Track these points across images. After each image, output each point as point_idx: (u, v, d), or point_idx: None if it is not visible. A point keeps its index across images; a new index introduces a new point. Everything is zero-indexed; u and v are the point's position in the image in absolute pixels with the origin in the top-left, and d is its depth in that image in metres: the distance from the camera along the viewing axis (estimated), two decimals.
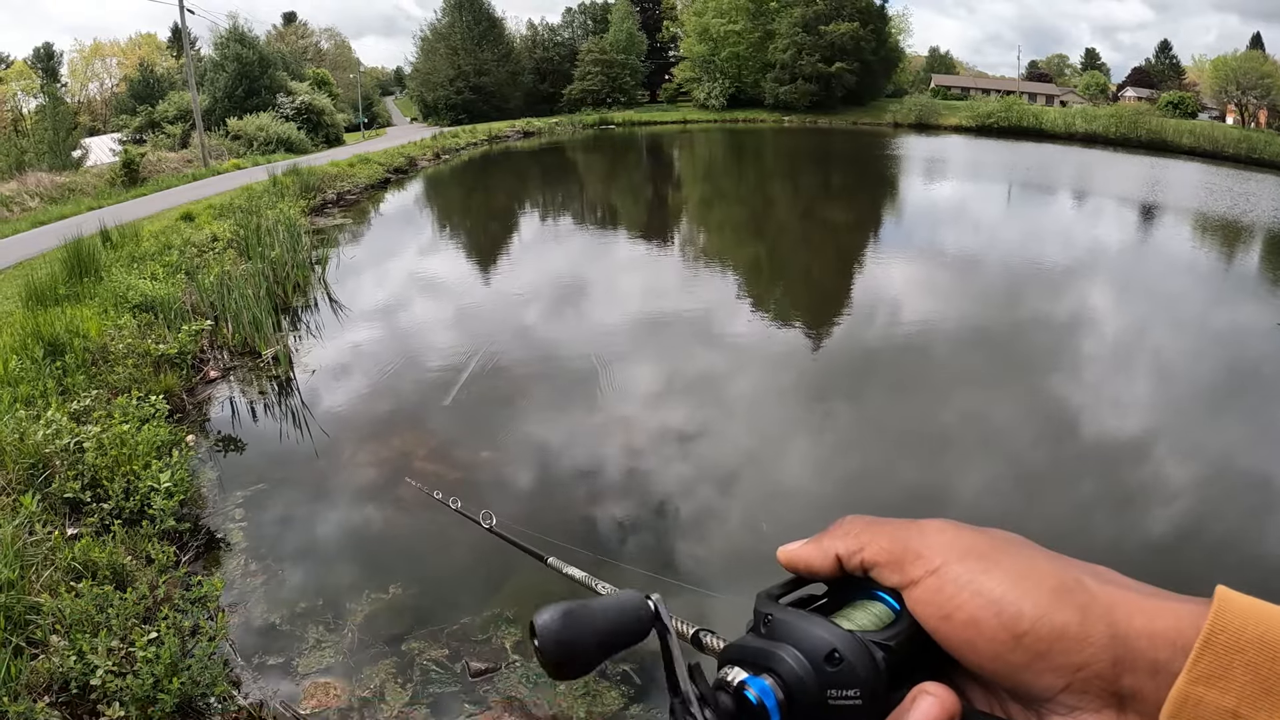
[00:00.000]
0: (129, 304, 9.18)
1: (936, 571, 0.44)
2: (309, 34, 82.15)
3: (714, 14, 67.65)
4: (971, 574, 0.43)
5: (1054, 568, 0.43)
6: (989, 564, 0.44)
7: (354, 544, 5.71)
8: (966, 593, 0.43)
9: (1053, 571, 0.43)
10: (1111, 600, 0.41)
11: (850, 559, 0.49)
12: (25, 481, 5.11)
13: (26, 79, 63.75)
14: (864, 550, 0.48)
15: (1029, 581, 0.42)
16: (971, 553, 0.44)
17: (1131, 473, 6.79)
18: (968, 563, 0.44)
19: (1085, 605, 0.41)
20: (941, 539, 0.46)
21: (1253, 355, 10.16)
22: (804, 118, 64.40)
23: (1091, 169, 35.44)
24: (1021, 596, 0.42)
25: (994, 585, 0.42)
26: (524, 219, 23.17)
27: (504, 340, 10.20)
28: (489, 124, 58.20)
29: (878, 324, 11.15)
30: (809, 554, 0.50)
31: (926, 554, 0.45)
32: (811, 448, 7.36)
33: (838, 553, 0.49)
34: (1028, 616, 0.41)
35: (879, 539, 0.48)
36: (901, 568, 0.46)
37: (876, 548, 0.47)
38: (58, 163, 30.98)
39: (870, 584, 0.48)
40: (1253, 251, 18.39)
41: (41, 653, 3.66)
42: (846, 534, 0.50)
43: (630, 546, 5.66)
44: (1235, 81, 60.45)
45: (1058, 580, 0.42)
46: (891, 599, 0.47)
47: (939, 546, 0.45)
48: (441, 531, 5.69)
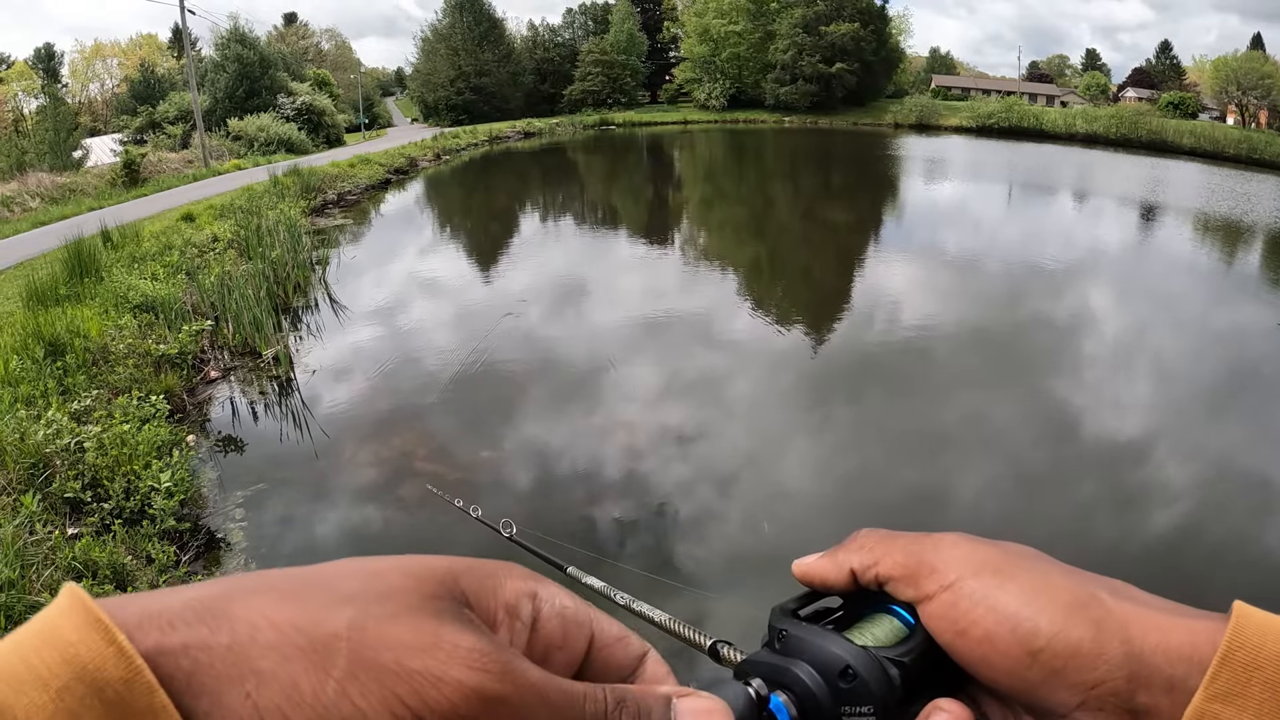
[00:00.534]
0: (130, 304, 9.18)
1: (951, 586, 0.44)
2: (309, 34, 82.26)
3: (714, 15, 67.69)
4: (986, 589, 0.43)
5: (1069, 583, 0.43)
6: (1004, 579, 0.43)
7: (354, 544, 5.71)
8: (981, 608, 0.42)
9: (1068, 586, 0.42)
10: (1127, 616, 0.40)
11: (865, 573, 0.48)
12: (26, 481, 5.12)
13: (27, 79, 63.83)
14: (879, 564, 0.48)
15: (1044, 597, 0.42)
16: (986, 567, 0.44)
17: (1134, 474, 6.79)
18: (983, 577, 0.43)
19: (1100, 621, 0.40)
20: (956, 553, 0.45)
21: (1253, 355, 10.16)
22: (804, 118, 64.44)
23: (1092, 169, 35.46)
24: (1037, 612, 0.41)
25: (1009, 600, 0.42)
26: (524, 219, 23.20)
27: (504, 340, 10.21)
28: (490, 125, 58.24)
29: (882, 324, 11.15)
30: (824, 568, 0.50)
31: (941, 568, 0.45)
32: (817, 449, 7.36)
33: (852, 567, 0.49)
34: (1043, 633, 0.40)
35: (894, 553, 0.47)
36: (916, 582, 0.46)
37: (891, 562, 0.47)
38: (58, 163, 31.03)
39: (885, 598, 0.48)
40: (1253, 252, 18.39)
41: None
42: (861, 548, 0.49)
43: (632, 547, 5.66)
44: (1236, 82, 60.48)
45: (1073, 595, 0.42)
46: (906, 613, 0.47)
47: (954, 561, 0.45)
48: (441, 532, 5.69)
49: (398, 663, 0.32)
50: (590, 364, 9.36)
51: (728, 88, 68.90)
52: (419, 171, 34.06)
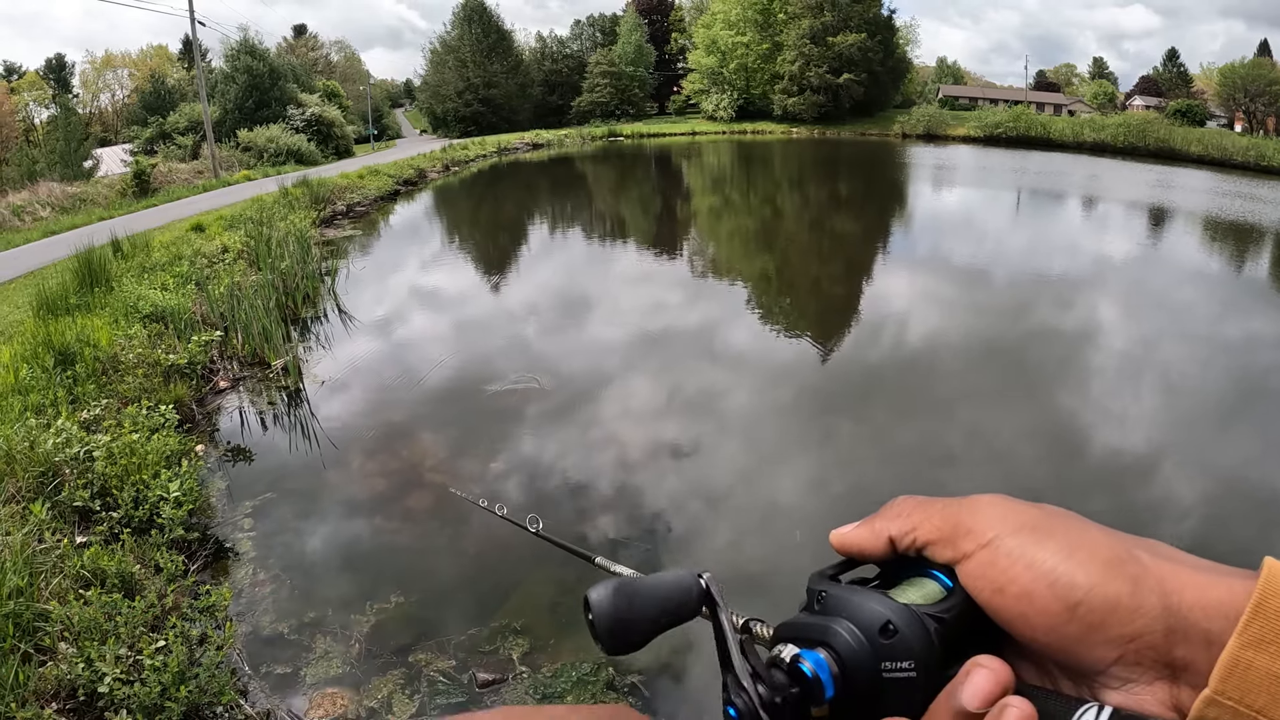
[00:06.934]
0: (139, 314, 9.22)
1: (989, 545, 0.45)
2: (319, 46, 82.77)
3: (722, 26, 67.89)
4: (1024, 546, 0.43)
5: (1107, 540, 0.43)
6: (1041, 536, 0.44)
7: (362, 554, 5.70)
8: (1020, 565, 0.43)
9: (1106, 543, 0.43)
10: (1164, 572, 0.41)
11: (903, 539, 0.49)
12: (35, 489, 5.13)
13: (38, 90, 64.37)
14: (917, 530, 0.48)
15: (1082, 553, 0.42)
16: (1024, 526, 0.45)
17: (1144, 483, 6.75)
18: (1020, 536, 0.44)
19: (1138, 577, 0.41)
20: (993, 513, 0.46)
21: (1264, 364, 10.08)
22: (812, 129, 64.45)
23: (1102, 178, 35.35)
24: (1075, 568, 0.42)
25: (1047, 557, 0.43)
26: (533, 231, 23.22)
27: (514, 351, 10.22)
28: (498, 136, 58.49)
29: (898, 335, 11.12)
30: (861, 537, 0.51)
31: (979, 529, 0.46)
32: (828, 455, 7.33)
33: (890, 534, 0.50)
34: (1081, 587, 0.41)
35: (931, 518, 0.48)
36: (954, 543, 0.46)
37: (930, 526, 0.48)
38: (69, 173, 31.30)
39: (923, 562, 0.49)
40: (1262, 259, 18.27)
41: (50, 660, 3.66)
42: (899, 515, 0.50)
43: (655, 545, 5.64)
44: (1243, 89, 60.38)
45: (1111, 552, 0.42)
46: (944, 576, 0.47)
47: (991, 520, 0.46)
48: (449, 543, 5.68)
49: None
50: (602, 372, 9.35)
51: (735, 99, 69.00)
52: (428, 183, 34.18)
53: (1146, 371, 9.75)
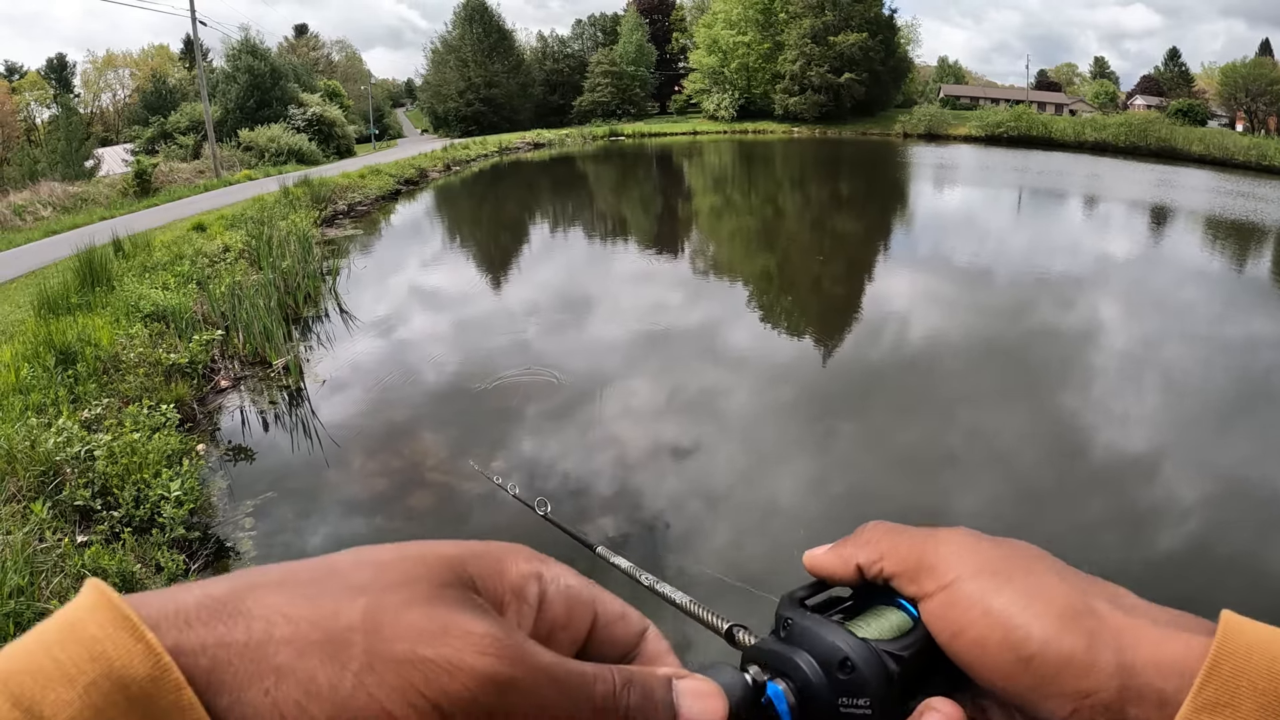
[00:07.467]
0: (140, 313, 9.21)
1: (949, 586, 0.44)
2: (320, 45, 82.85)
3: (723, 25, 67.91)
4: (983, 591, 0.43)
5: (1066, 589, 0.42)
6: (1001, 581, 0.43)
7: None
8: (976, 610, 0.42)
9: (1065, 593, 0.42)
10: (1121, 627, 0.40)
11: (870, 568, 0.48)
12: (36, 489, 5.13)
13: (40, 89, 64.45)
14: (884, 560, 0.48)
15: (1040, 603, 0.41)
16: (985, 569, 0.44)
17: (1144, 485, 6.74)
18: (980, 580, 0.43)
19: (1094, 631, 0.40)
20: (956, 552, 0.45)
21: (1265, 364, 10.07)
22: (813, 128, 64.48)
23: (1103, 177, 35.34)
24: (1031, 619, 0.41)
25: (1004, 605, 0.42)
26: (534, 230, 23.22)
27: (515, 349, 10.21)
28: (499, 136, 58.49)
29: (899, 334, 11.11)
30: (831, 562, 0.50)
31: (940, 568, 0.45)
32: (830, 456, 7.33)
33: (859, 562, 0.49)
34: (1035, 640, 0.40)
35: (899, 548, 0.48)
36: (917, 580, 0.46)
37: (896, 558, 0.47)
38: (70, 172, 31.33)
39: (892, 591, 0.48)
40: (1264, 258, 18.27)
41: None
42: (867, 543, 0.49)
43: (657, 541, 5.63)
44: (1244, 88, 60.39)
45: (1068, 603, 0.41)
46: (911, 607, 0.47)
47: (952, 561, 0.45)
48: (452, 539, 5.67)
49: (411, 652, 0.32)
50: (602, 371, 9.35)
51: (737, 98, 69.04)
52: (429, 182, 34.18)
53: (1148, 371, 9.74)
